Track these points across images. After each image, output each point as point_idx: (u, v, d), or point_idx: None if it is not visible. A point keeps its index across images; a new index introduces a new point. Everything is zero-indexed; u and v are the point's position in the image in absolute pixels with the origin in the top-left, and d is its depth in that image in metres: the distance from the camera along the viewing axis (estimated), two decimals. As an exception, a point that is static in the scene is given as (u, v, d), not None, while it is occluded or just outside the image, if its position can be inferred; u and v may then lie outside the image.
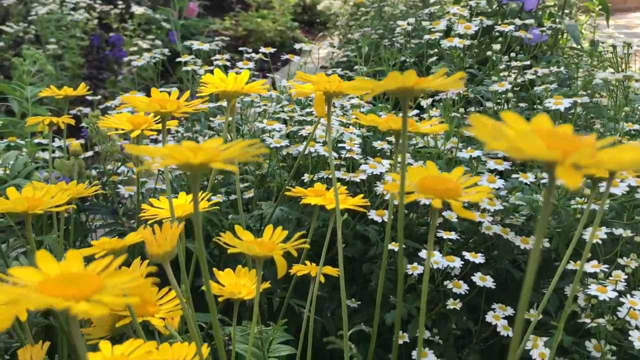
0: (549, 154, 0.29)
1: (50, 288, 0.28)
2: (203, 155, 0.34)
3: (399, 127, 0.61)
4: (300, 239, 0.57)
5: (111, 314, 0.61)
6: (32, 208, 0.56)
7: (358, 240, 1.28)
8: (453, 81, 0.45)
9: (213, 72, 1.46)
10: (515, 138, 0.30)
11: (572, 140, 0.31)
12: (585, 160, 0.30)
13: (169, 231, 0.47)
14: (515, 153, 0.29)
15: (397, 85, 0.43)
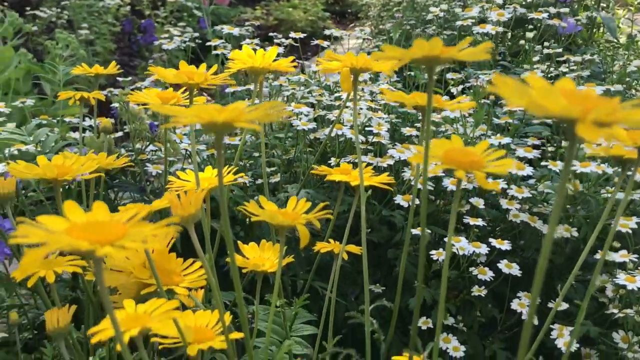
0: (569, 111, 0.30)
1: (76, 233, 0.30)
2: (227, 115, 0.35)
3: (425, 103, 0.61)
4: (324, 210, 0.58)
5: (136, 282, 0.62)
6: (61, 175, 0.58)
7: (384, 226, 1.28)
8: (479, 51, 0.45)
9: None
10: (536, 94, 0.30)
11: (595, 100, 0.32)
12: (605, 117, 0.30)
13: (193, 195, 0.48)
14: (536, 109, 0.30)
15: (424, 53, 0.44)
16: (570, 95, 0.31)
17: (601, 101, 0.32)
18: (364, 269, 0.72)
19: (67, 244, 0.28)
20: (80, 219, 0.32)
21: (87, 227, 0.30)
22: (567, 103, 0.30)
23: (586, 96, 0.32)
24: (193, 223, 0.49)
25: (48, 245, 0.28)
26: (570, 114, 0.30)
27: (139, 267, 0.63)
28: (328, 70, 0.66)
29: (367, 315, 0.65)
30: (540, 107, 0.30)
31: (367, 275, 0.67)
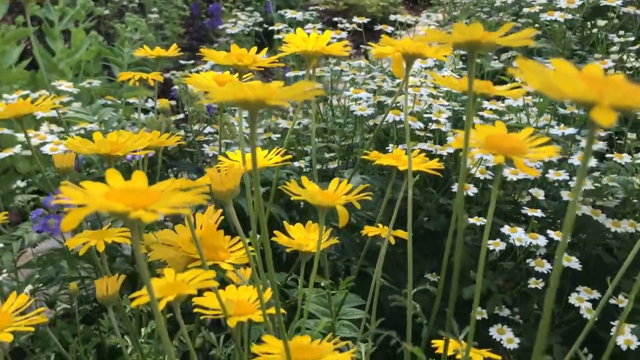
0: (585, 94, 0.31)
1: (114, 197, 0.33)
2: (259, 92, 0.37)
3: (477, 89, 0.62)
4: (364, 192, 0.60)
5: (185, 256, 0.65)
6: (114, 151, 0.61)
7: (442, 214, 1.29)
8: (521, 38, 0.46)
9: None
10: (553, 77, 0.31)
11: (620, 85, 0.32)
12: (623, 100, 0.31)
13: (232, 172, 0.50)
14: (552, 92, 0.31)
15: (465, 38, 0.45)
16: (592, 80, 0.32)
17: (626, 86, 0.32)
18: (408, 253, 0.73)
19: (104, 206, 0.31)
20: (119, 186, 0.35)
21: (124, 192, 0.33)
22: (585, 86, 0.31)
23: (613, 83, 0.32)
24: (231, 199, 0.51)
25: (87, 207, 0.31)
26: (585, 97, 0.31)
27: (187, 242, 0.66)
28: (381, 54, 0.68)
29: (410, 299, 0.67)
30: (555, 89, 0.31)
31: (412, 260, 0.69)
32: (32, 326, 0.50)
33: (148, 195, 0.33)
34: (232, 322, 0.55)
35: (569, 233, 0.37)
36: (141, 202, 0.32)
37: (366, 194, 0.60)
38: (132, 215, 0.31)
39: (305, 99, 0.38)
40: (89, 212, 0.31)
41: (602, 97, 0.31)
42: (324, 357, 0.48)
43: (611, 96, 0.31)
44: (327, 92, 1.37)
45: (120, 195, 0.33)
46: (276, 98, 0.38)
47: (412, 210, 1.30)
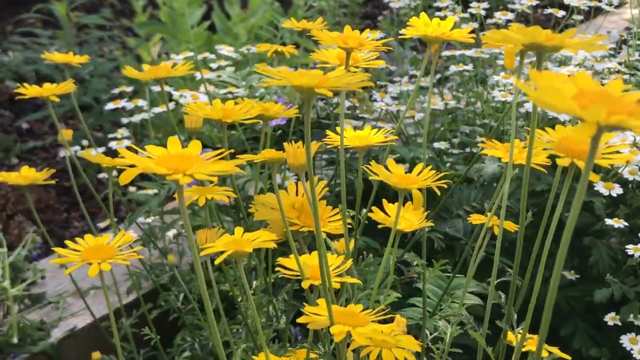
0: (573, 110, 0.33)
1: (162, 161, 0.40)
2: (308, 80, 0.43)
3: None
4: (443, 179, 0.63)
5: (284, 221, 0.73)
6: (226, 117, 0.70)
7: (586, 212, 1.26)
8: (590, 42, 0.47)
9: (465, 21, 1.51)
10: (541, 92, 0.34)
11: (614, 100, 0.35)
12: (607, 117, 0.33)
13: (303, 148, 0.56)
14: (542, 106, 0.34)
15: (527, 40, 0.47)
16: (585, 94, 0.34)
17: (620, 102, 0.34)
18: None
19: (149, 167, 0.38)
20: (174, 151, 0.43)
21: (175, 158, 0.40)
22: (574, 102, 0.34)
23: (606, 95, 0.35)
24: (304, 172, 0.57)
25: (136, 168, 0.38)
26: (571, 111, 0.33)
27: (288, 207, 0.73)
28: (491, 45, 0.70)
29: (492, 288, 0.70)
30: (545, 104, 0.33)
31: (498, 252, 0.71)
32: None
33: (193, 162, 0.40)
34: (306, 284, 0.62)
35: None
36: (182, 167, 0.39)
37: (445, 181, 0.63)
38: (170, 178, 0.38)
39: (352, 89, 0.43)
40: (138, 172, 0.38)
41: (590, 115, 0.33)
42: (367, 325, 0.53)
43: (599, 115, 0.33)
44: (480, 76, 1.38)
45: (167, 160, 0.40)
46: (325, 86, 0.43)
47: (553, 204, 1.29)
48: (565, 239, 0.38)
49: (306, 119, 0.46)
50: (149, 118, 1.19)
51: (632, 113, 0.33)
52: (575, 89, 0.35)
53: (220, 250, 0.55)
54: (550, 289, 0.39)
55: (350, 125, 1.14)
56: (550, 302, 0.40)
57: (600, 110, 0.32)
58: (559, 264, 0.39)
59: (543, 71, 0.36)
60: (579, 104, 0.34)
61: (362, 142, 0.74)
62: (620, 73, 1.33)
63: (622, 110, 0.33)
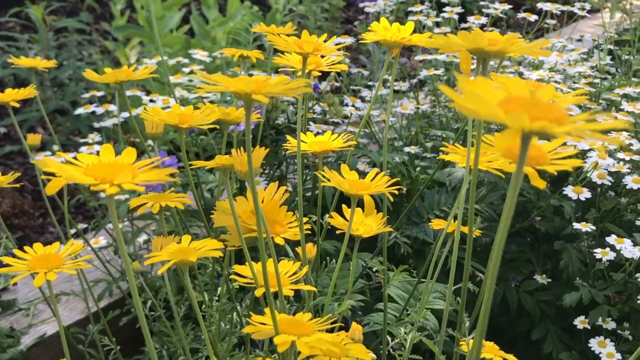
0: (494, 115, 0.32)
1: (91, 170, 0.39)
2: (243, 86, 0.41)
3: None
4: (395, 185, 0.62)
5: (244, 226, 0.71)
6: (182, 123, 0.68)
7: (557, 216, 1.26)
8: (534, 47, 0.46)
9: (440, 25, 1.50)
10: (465, 98, 0.33)
11: (542, 107, 0.33)
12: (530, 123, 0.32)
13: (258, 153, 0.55)
14: (466, 112, 0.33)
15: (470, 45, 0.46)
16: (512, 101, 0.33)
17: (548, 108, 0.33)
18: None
19: (74, 177, 0.37)
20: (106, 160, 0.41)
21: (103, 167, 0.39)
22: (499, 109, 0.32)
23: (533, 101, 0.34)
24: (252, 179, 0.56)
25: (61, 178, 0.37)
26: (498, 119, 0.32)
27: (247, 213, 0.72)
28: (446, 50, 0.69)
29: (450, 293, 0.68)
30: (469, 110, 0.32)
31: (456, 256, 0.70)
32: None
33: (121, 171, 0.39)
34: (259, 292, 0.60)
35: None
36: (110, 176, 0.38)
37: (397, 187, 0.62)
38: (95, 188, 0.37)
39: (289, 96, 0.42)
40: (63, 182, 0.37)
41: (513, 121, 0.32)
42: (313, 334, 0.52)
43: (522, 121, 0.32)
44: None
45: (96, 169, 0.38)
46: (262, 93, 0.42)
47: (525, 209, 1.29)
48: (499, 243, 0.37)
49: (247, 126, 0.44)
50: (119, 123, 1.17)
51: (558, 120, 0.32)
52: (504, 95, 0.34)
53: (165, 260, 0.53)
54: (486, 290, 0.38)
55: (320, 129, 1.13)
56: (487, 307, 0.39)
57: (523, 116, 0.31)
58: (493, 266, 0.38)
59: (477, 77, 0.35)
60: (505, 110, 0.33)
61: (321, 147, 0.73)
62: (591, 77, 1.33)
63: (548, 117, 0.32)
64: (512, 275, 1.29)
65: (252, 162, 0.48)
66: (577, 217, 1.21)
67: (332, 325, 0.56)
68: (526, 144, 0.34)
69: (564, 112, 0.33)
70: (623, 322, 1.14)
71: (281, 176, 1.23)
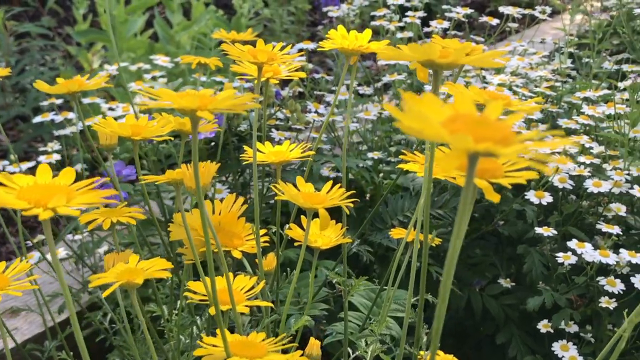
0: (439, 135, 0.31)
1: (24, 193, 0.36)
2: (187, 103, 0.40)
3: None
4: (350, 198, 0.61)
5: (198, 239, 0.69)
6: (135, 135, 0.66)
7: (520, 220, 1.25)
8: (487, 57, 0.45)
9: (404, 29, 1.49)
10: (406, 116, 0.31)
11: (489, 125, 0.32)
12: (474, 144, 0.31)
13: (205, 168, 0.53)
14: (409, 132, 0.31)
15: (421, 58, 0.45)
16: (457, 119, 0.32)
17: (494, 127, 0.32)
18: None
19: (5, 202, 0.35)
20: (42, 181, 0.39)
21: (38, 189, 0.37)
22: (443, 128, 0.31)
23: (480, 120, 0.32)
24: (203, 195, 0.54)
25: (-6, 201, 0.35)
26: (443, 140, 0.31)
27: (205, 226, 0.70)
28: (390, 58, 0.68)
29: (409, 306, 0.67)
30: (412, 130, 0.31)
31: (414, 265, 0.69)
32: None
33: (57, 192, 0.37)
34: (213, 310, 0.58)
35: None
36: (44, 200, 0.36)
37: (352, 200, 0.61)
38: (27, 213, 0.35)
39: (236, 111, 0.40)
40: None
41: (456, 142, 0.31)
42: (266, 355, 0.50)
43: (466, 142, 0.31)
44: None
45: (30, 192, 0.36)
46: (209, 108, 0.40)
47: (489, 212, 1.28)
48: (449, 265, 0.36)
49: (194, 143, 0.43)
50: (77, 131, 1.14)
51: (505, 139, 0.31)
52: (451, 113, 0.33)
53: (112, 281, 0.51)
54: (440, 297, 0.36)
55: (283, 136, 1.11)
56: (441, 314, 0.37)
57: (467, 138, 0.30)
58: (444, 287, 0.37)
59: (424, 94, 0.33)
60: (450, 130, 0.31)
61: (279, 157, 0.71)
62: (552, 81, 1.32)
63: (494, 137, 0.31)
64: (476, 279, 1.28)
65: (200, 179, 0.46)
66: (540, 220, 1.21)
67: (287, 345, 0.54)
68: (473, 164, 0.33)
69: (510, 131, 0.32)
70: (586, 324, 1.14)
71: (245, 183, 1.21)
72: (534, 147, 0.31)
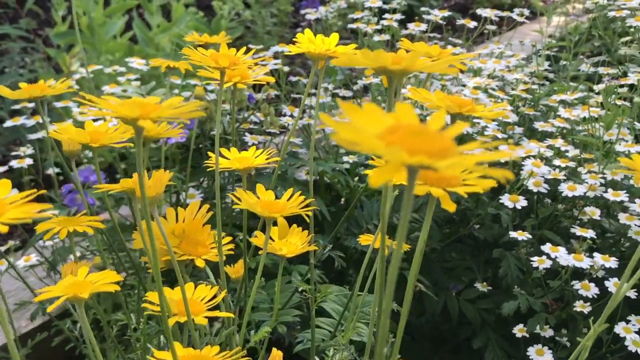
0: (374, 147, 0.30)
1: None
2: (127, 111, 0.38)
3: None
4: (310, 207, 0.59)
5: (161, 247, 0.68)
6: (94, 142, 0.64)
7: (496, 224, 1.24)
8: (442, 64, 0.44)
9: (383, 32, 1.48)
10: (344, 128, 0.30)
11: (429, 137, 0.31)
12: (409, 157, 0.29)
13: (157, 178, 0.52)
14: (345, 145, 0.30)
15: (373, 64, 0.43)
16: (396, 130, 0.31)
17: (434, 139, 0.31)
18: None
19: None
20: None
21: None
22: (380, 140, 0.30)
23: (420, 131, 0.31)
24: (155, 206, 0.53)
25: None
26: (378, 153, 0.29)
27: (168, 234, 0.68)
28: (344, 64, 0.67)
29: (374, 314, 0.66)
30: (347, 142, 0.30)
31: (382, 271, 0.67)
32: None
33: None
34: (171, 321, 0.57)
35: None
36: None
37: (312, 208, 0.59)
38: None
39: (185, 119, 0.39)
40: None
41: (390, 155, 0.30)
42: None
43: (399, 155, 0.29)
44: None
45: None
46: (151, 117, 0.39)
47: (466, 216, 1.27)
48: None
49: (138, 155, 0.41)
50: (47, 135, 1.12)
51: (443, 151, 0.30)
52: (391, 123, 0.32)
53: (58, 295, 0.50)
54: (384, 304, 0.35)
55: (256, 140, 1.10)
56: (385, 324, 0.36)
57: (400, 151, 0.28)
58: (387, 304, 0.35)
59: (365, 104, 0.32)
60: (388, 141, 0.30)
61: (243, 164, 0.69)
62: (529, 83, 1.31)
63: (431, 149, 0.30)
64: (452, 283, 1.27)
65: (151, 189, 0.44)
66: (516, 224, 1.20)
67: (241, 358, 0.52)
68: (412, 176, 0.31)
69: (450, 143, 0.31)
70: (561, 328, 1.13)
71: (221, 188, 1.20)
72: (474, 160, 0.30)
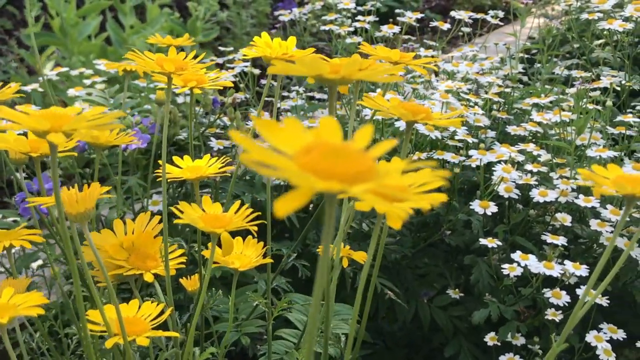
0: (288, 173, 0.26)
1: None
2: (34, 124, 0.34)
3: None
4: (255, 221, 0.56)
5: (112, 264, 0.64)
6: (34, 150, 0.60)
7: (468, 230, 1.21)
8: (382, 71, 0.40)
9: (355, 33, 1.44)
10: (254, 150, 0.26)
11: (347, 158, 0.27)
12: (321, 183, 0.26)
13: (88, 193, 0.48)
14: (255, 167, 0.26)
15: (310, 73, 0.40)
16: (313, 150, 0.27)
17: (353, 160, 0.27)
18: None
19: None
20: None
21: None
22: (292, 163, 0.26)
23: (339, 150, 0.27)
24: (86, 222, 0.49)
25: None
26: (287, 177, 0.26)
27: (114, 247, 0.65)
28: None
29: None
30: (257, 164, 0.26)
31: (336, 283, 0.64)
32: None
33: None
34: (109, 343, 0.53)
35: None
36: None
37: (258, 222, 0.56)
38: None
39: (101, 131, 0.35)
40: None
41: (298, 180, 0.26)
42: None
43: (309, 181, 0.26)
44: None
45: None
46: (64, 130, 0.35)
47: (438, 221, 1.24)
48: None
49: (53, 168, 0.37)
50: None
51: (361, 174, 0.26)
52: (310, 141, 0.28)
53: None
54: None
55: (222, 145, 1.06)
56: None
57: (307, 177, 0.25)
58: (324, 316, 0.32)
59: (285, 119, 0.29)
60: (302, 162, 0.26)
61: (194, 173, 0.66)
62: (502, 87, 1.28)
63: (347, 171, 0.26)
64: (424, 290, 1.24)
65: (62, 205, 0.41)
66: (488, 230, 1.17)
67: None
68: (331, 202, 0.28)
69: (370, 165, 0.27)
70: (533, 336, 1.10)
71: (187, 194, 1.16)
72: (379, 184, 0.26)
